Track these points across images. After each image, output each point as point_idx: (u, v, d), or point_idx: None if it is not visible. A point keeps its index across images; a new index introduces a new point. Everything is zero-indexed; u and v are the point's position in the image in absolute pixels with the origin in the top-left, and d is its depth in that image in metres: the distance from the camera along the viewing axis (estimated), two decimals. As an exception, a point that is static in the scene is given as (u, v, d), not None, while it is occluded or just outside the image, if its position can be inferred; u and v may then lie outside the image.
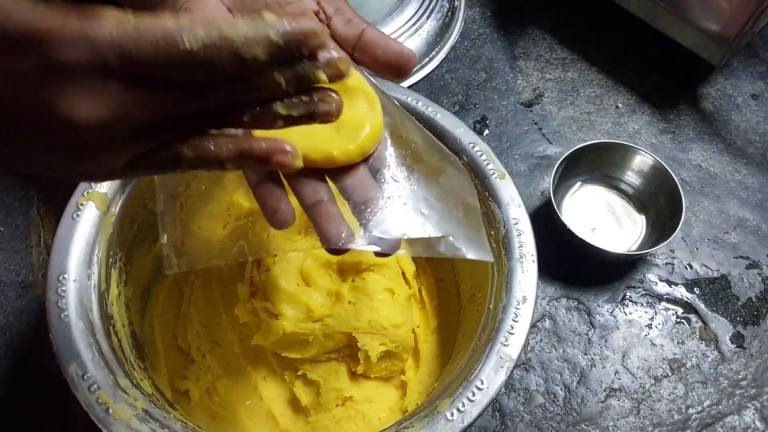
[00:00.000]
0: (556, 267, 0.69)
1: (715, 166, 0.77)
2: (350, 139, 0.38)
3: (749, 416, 0.62)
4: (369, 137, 0.39)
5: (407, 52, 0.40)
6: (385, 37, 0.41)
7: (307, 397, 0.56)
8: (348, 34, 0.41)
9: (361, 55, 0.41)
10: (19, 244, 0.69)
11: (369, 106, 0.40)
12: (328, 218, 0.37)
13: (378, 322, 0.55)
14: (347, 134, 0.38)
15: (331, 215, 0.37)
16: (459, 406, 0.45)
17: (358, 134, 0.38)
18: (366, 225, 0.37)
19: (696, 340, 0.66)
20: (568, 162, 0.69)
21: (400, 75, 0.40)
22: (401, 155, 0.41)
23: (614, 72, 0.83)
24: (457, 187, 0.43)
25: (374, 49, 0.40)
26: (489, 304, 0.51)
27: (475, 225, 0.42)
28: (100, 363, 0.46)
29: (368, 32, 0.40)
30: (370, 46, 0.40)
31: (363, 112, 0.39)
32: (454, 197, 0.42)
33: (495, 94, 0.81)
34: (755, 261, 0.71)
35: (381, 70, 0.41)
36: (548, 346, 0.65)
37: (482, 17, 0.87)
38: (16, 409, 0.60)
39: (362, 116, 0.39)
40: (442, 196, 0.41)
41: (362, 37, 0.40)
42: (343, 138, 0.38)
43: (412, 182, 0.40)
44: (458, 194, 0.43)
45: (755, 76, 0.83)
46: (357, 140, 0.38)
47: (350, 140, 0.38)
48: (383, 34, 0.41)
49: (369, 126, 0.39)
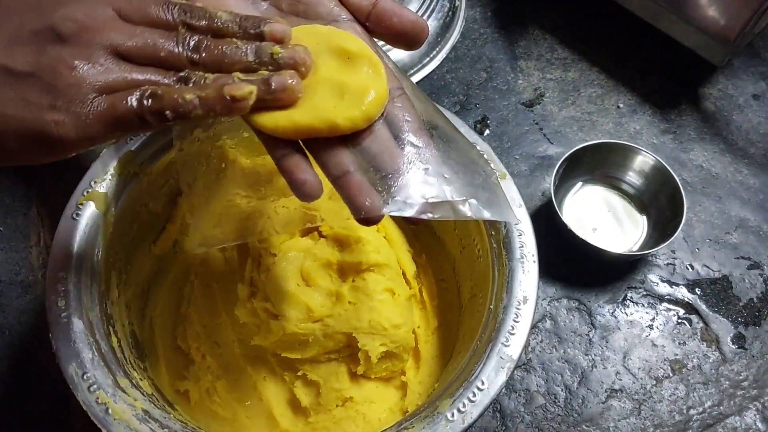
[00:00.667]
0: (556, 267, 0.69)
1: (717, 166, 0.77)
2: (355, 106, 0.38)
3: (750, 417, 0.62)
4: (374, 103, 0.38)
5: (421, 21, 0.40)
6: (399, 6, 0.41)
7: (307, 397, 0.56)
8: (362, 2, 0.41)
9: (375, 24, 0.41)
10: (18, 243, 0.68)
11: (373, 72, 0.39)
12: (358, 189, 0.37)
13: (378, 323, 0.54)
14: (351, 100, 0.38)
15: (360, 185, 0.37)
16: (460, 407, 0.45)
17: (362, 100, 0.38)
18: (389, 191, 0.37)
19: (697, 340, 0.66)
20: (569, 162, 0.69)
21: (413, 44, 0.41)
22: (418, 120, 0.40)
23: (615, 72, 0.83)
24: (473, 154, 0.44)
25: (389, 17, 0.40)
26: (490, 305, 0.51)
27: (496, 189, 0.42)
28: (99, 363, 0.46)
29: (382, 1, 0.41)
30: (384, 14, 0.40)
31: (367, 77, 0.39)
32: (473, 163, 0.42)
33: (496, 94, 0.81)
34: (757, 262, 0.71)
35: (394, 40, 0.41)
36: (549, 346, 0.65)
37: (483, 17, 0.87)
38: (15, 409, 0.60)
39: (366, 82, 0.38)
40: (461, 161, 0.41)
41: (376, 5, 0.41)
42: (347, 104, 0.38)
43: (431, 147, 0.39)
44: (475, 161, 0.43)
45: (757, 76, 0.83)
46: (361, 106, 0.38)
47: (355, 106, 0.38)
48: (396, 3, 0.41)
49: (374, 92, 0.38)
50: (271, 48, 0.36)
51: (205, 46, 0.36)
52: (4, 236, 0.69)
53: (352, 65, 0.39)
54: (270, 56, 0.36)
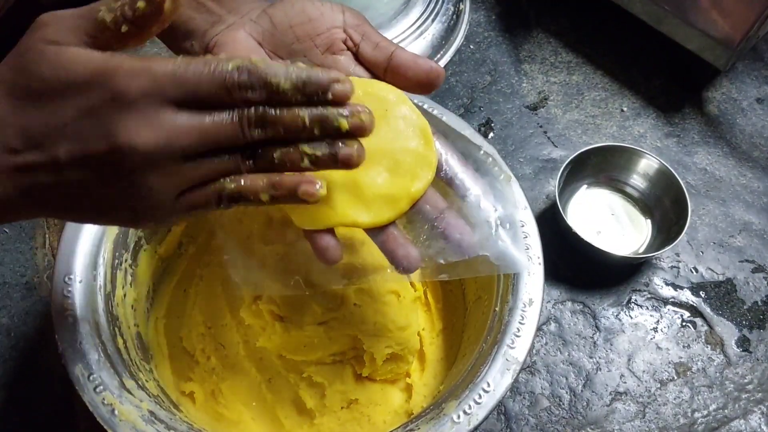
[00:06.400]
0: (561, 270, 0.69)
1: (721, 169, 0.77)
2: (403, 195, 0.41)
3: (755, 420, 0.62)
4: (423, 187, 0.41)
5: (436, 68, 0.42)
6: (414, 56, 0.42)
7: (312, 399, 0.56)
8: (377, 58, 0.43)
9: (392, 77, 0.43)
10: (23, 245, 0.69)
11: (423, 142, 0.42)
12: (395, 242, 0.41)
13: (383, 325, 0.54)
14: (400, 187, 0.41)
15: (398, 241, 0.41)
16: (465, 409, 0.45)
17: (411, 186, 0.41)
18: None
19: (702, 343, 0.66)
20: (573, 165, 0.69)
21: (430, 90, 0.43)
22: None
23: (619, 75, 0.83)
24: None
25: (405, 71, 0.42)
26: (495, 307, 0.51)
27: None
28: (105, 364, 0.46)
29: (397, 55, 0.42)
30: (400, 68, 0.42)
31: (416, 151, 0.41)
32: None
33: (500, 98, 0.81)
34: (761, 265, 0.71)
35: (412, 88, 0.43)
36: (553, 349, 0.65)
37: (487, 20, 0.87)
38: (21, 410, 0.60)
39: (416, 163, 0.41)
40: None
41: (392, 60, 0.42)
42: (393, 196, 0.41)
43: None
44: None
45: (760, 80, 0.83)
46: (409, 196, 0.41)
47: (402, 197, 0.41)
48: (411, 54, 0.42)
49: (425, 176, 0.41)
50: (338, 120, 0.35)
51: (268, 122, 0.34)
52: (10, 238, 0.69)
53: (396, 122, 0.42)
54: (336, 129, 0.35)
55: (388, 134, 0.41)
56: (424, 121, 0.42)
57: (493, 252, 0.43)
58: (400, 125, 0.42)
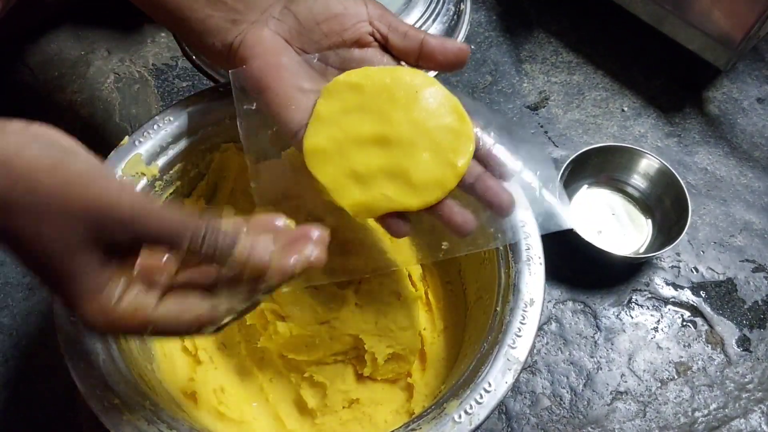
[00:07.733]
0: (561, 270, 0.69)
1: (721, 169, 0.77)
2: (448, 172, 0.43)
3: (756, 420, 0.62)
4: (465, 165, 0.43)
5: (464, 48, 0.45)
6: (441, 40, 0.45)
7: (313, 399, 0.56)
8: (408, 47, 0.45)
9: (426, 62, 0.45)
10: (26, 245, 0.69)
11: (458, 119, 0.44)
12: (452, 213, 0.44)
13: (385, 325, 0.55)
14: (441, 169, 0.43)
15: (453, 209, 0.44)
16: (467, 408, 0.45)
17: (453, 166, 0.43)
18: None
19: (702, 343, 0.66)
20: (573, 165, 0.69)
21: (460, 68, 0.46)
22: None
23: (620, 75, 0.83)
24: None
25: (437, 56, 0.45)
26: (496, 307, 0.51)
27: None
28: (107, 364, 0.46)
29: (426, 41, 0.45)
30: (432, 54, 0.45)
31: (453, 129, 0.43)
32: None
33: (501, 97, 0.81)
34: (761, 264, 0.71)
35: (443, 69, 0.46)
36: (554, 349, 0.65)
37: (488, 20, 0.87)
38: (23, 410, 0.60)
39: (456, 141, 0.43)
40: None
41: (423, 47, 0.45)
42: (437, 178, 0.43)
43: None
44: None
45: (761, 80, 0.83)
46: (455, 173, 0.43)
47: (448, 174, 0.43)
48: (439, 38, 0.45)
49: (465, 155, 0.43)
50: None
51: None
52: (11, 238, 0.69)
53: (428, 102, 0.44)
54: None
55: (422, 115, 0.43)
56: (454, 98, 0.44)
57: (540, 212, 0.47)
58: (432, 105, 0.43)
